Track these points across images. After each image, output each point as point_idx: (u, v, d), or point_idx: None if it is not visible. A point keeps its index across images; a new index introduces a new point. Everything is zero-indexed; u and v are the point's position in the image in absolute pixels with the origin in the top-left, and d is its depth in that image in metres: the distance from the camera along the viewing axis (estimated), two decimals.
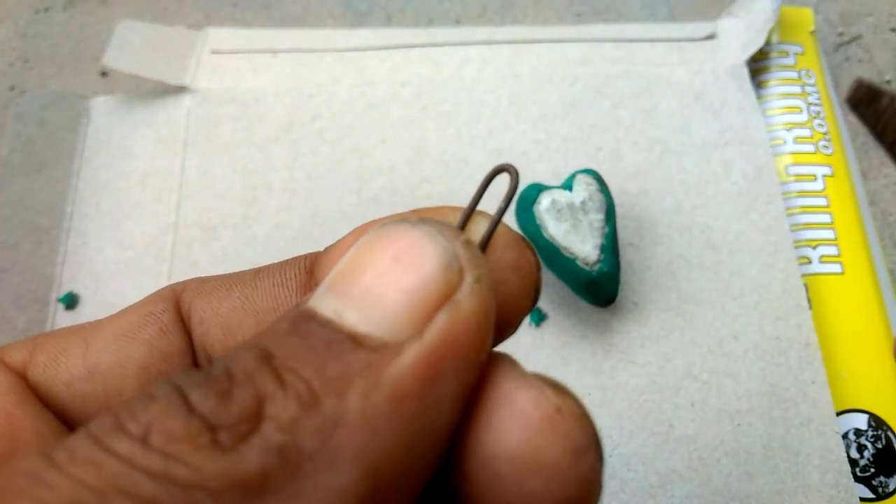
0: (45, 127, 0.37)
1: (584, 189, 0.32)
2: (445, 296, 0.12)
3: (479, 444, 0.12)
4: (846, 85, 0.41)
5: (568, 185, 0.32)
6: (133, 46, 0.38)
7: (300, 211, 0.35)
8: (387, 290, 0.12)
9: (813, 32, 0.39)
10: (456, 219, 0.14)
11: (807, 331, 0.31)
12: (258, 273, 0.16)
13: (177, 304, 0.16)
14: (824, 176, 0.35)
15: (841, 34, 0.42)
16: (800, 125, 0.36)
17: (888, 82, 0.41)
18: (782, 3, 0.38)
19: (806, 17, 0.39)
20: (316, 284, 0.16)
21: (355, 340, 0.12)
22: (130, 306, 0.17)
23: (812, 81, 0.38)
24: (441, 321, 0.12)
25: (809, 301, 0.32)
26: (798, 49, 0.38)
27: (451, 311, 0.12)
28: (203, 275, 0.17)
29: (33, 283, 0.34)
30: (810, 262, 0.33)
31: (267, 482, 0.10)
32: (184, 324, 0.16)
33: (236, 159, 0.36)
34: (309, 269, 0.16)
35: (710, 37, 0.39)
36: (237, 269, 0.17)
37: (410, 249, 0.12)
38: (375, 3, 0.44)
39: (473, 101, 0.37)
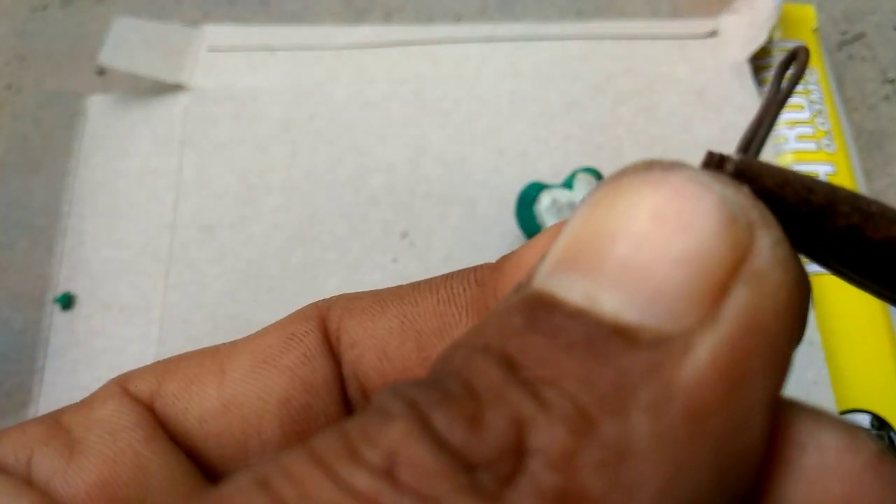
0: (41, 126, 0.37)
1: (584, 187, 0.32)
2: (737, 263, 0.09)
3: (776, 491, 0.10)
4: (849, 83, 0.41)
5: (569, 184, 0.32)
6: (129, 44, 0.37)
7: (298, 210, 0.35)
8: (655, 263, 0.09)
9: (815, 30, 0.39)
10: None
11: (809, 330, 0.31)
12: (417, 288, 0.14)
13: (322, 324, 0.15)
14: (827, 174, 0.35)
15: (844, 32, 0.42)
16: (802, 123, 0.36)
17: (892, 81, 0.41)
18: (784, 1, 0.37)
19: (808, 14, 0.39)
20: (497, 297, 0.13)
21: (624, 335, 0.09)
22: (273, 325, 0.15)
23: (814, 79, 0.37)
24: (741, 299, 0.09)
25: (812, 300, 0.32)
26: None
27: (751, 283, 0.09)
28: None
29: (29, 283, 0.34)
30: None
31: None
32: (331, 347, 0.14)
33: (234, 158, 0.36)
34: (480, 282, 0.14)
35: (712, 34, 0.38)
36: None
37: (674, 203, 0.09)
38: (374, 1, 0.43)
39: (473, 98, 0.37)
